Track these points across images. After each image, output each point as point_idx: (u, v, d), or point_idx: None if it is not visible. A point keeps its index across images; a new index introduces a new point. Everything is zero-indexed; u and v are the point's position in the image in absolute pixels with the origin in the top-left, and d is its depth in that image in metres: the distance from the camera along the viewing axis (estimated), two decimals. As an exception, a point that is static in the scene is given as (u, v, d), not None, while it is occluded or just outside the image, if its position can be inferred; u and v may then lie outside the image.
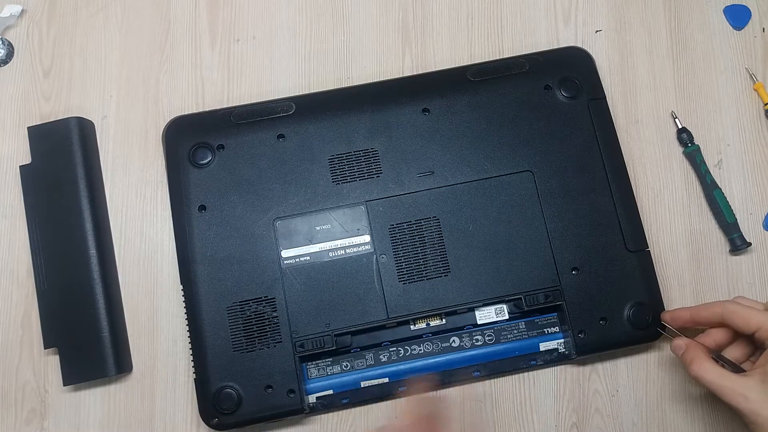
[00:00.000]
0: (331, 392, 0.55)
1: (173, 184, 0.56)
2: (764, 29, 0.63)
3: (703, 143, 0.61)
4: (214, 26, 0.63)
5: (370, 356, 0.55)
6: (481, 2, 0.64)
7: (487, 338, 0.56)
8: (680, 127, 0.61)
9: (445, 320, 0.56)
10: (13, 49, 0.62)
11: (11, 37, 0.63)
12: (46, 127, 0.58)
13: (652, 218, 0.60)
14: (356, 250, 0.55)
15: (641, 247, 0.56)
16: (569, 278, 0.55)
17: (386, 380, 0.55)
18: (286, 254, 0.55)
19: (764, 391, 0.45)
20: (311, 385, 0.55)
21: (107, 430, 0.56)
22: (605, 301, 0.54)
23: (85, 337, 0.55)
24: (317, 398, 0.55)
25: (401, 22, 0.63)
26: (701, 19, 0.63)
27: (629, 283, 0.55)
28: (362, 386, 0.55)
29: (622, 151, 0.58)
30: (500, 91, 0.58)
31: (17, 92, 0.62)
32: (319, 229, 0.55)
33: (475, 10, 0.64)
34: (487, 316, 0.56)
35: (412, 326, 0.55)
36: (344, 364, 0.55)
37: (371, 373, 0.55)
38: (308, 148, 0.57)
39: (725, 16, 0.63)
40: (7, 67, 0.62)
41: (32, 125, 0.58)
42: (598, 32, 0.63)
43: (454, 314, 0.55)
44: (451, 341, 0.56)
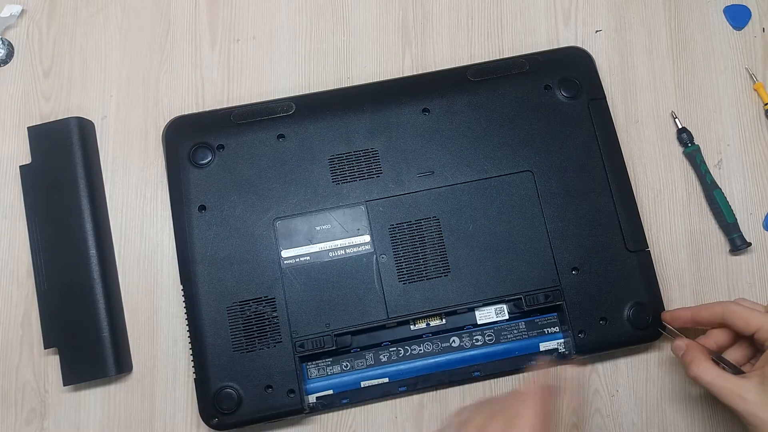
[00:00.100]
0: (331, 392, 0.55)
1: (173, 184, 0.56)
2: (764, 29, 0.63)
3: (703, 143, 0.61)
4: (214, 26, 0.63)
5: (370, 356, 0.55)
6: (481, 2, 0.64)
7: (487, 338, 0.56)
8: (680, 127, 0.61)
9: (445, 320, 0.56)
10: (13, 49, 0.62)
11: (11, 37, 0.63)
12: (46, 127, 0.58)
13: (652, 218, 0.60)
14: (356, 250, 0.55)
15: (641, 247, 0.56)
16: (569, 278, 0.55)
17: (386, 380, 0.55)
18: (286, 254, 0.55)
19: (762, 392, 0.45)
20: (311, 385, 0.55)
21: (107, 430, 0.56)
22: (605, 301, 0.54)
23: (85, 337, 0.55)
24: (317, 398, 0.55)
25: (401, 22, 0.63)
26: (701, 19, 0.63)
27: (629, 283, 0.55)
28: (362, 386, 0.55)
29: (622, 151, 0.58)
30: (500, 91, 0.58)
31: (17, 92, 0.62)
32: (319, 229, 0.55)
33: (475, 10, 0.64)
34: (487, 316, 0.56)
35: (412, 326, 0.55)
36: (344, 364, 0.55)
37: (371, 373, 0.55)
38: (308, 148, 0.57)
39: (725, 16, 0.63)
40: (7, 67, 0.62)
41: (32, 125, 0.58)
42: (598, 32, 0.63)
43: (454, 314, 0.55)
44: (451, 341, 0.56)
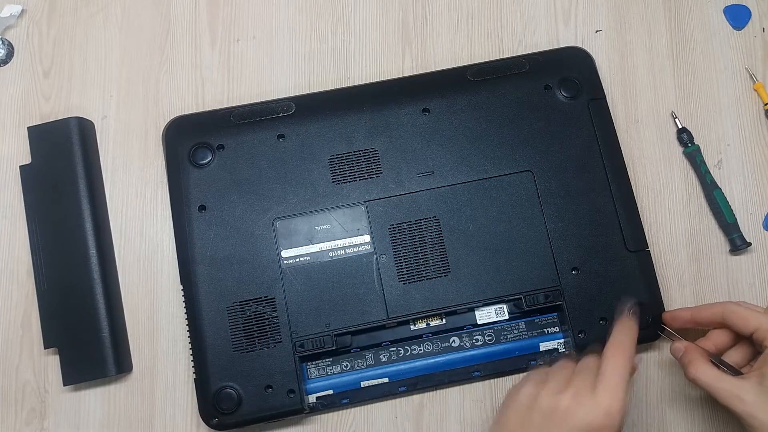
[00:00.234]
0: (331, 392, 0.55)
1: (173, 184, 0.56)
2: (764, 29, 0.63)
3: (703, 143, 0.61)
4: (214, 26, 0.63)
5: (370, 356, 0.55)
6: (481, 2, 0.64)
7: (487, 338, 0.56)
8: (680, 127, 0.61)
9: (445, 320, 0.56)
10: (13, 49, 0.62)
11: (11, 37, 0.63)
12: (46, 127, 0.58)
13: (652, 218, 0.60)
14: (356, 250, 0.55)
15: (641, 247, 0.56)
16: (569, 278, 0.55)
17: (386, 380, 0.55)
18: (286, 254, 0.55)
19: (760, 393, 0.45)
20: (311, 385, 0.55)
21: (107, 430, 0.56)
22: (605, 301, 0.54)
23: (85, 337, 0.55)
24: (317, 398, 0.55)
25: (401, 22, 0.63)
26: (701, 19, 0.63)
27: (629, 283, 0.55)
28: (362, 386, 0.55)
29: (622, 151, 0.58)
30: (500, 91, 0.58)
31: (17, 92, 0.62)
32: (319, 229, 0.55)
33: (475, 10, 0.64)
34: (487, 316, 0.56)
35: (412, 326, 0.55)
36: (344, 364, 0.55)
37: (371, 373, 0.55)
38: (308, 148, 0.57)
39: (725, 16, 0.63)
40: (7, 67, 0.62)
41: (32, 125, 0.58)
42: (598, 32, 0.63)
43: (454, 314, 0.55)
44: (451, 341, 0.56)
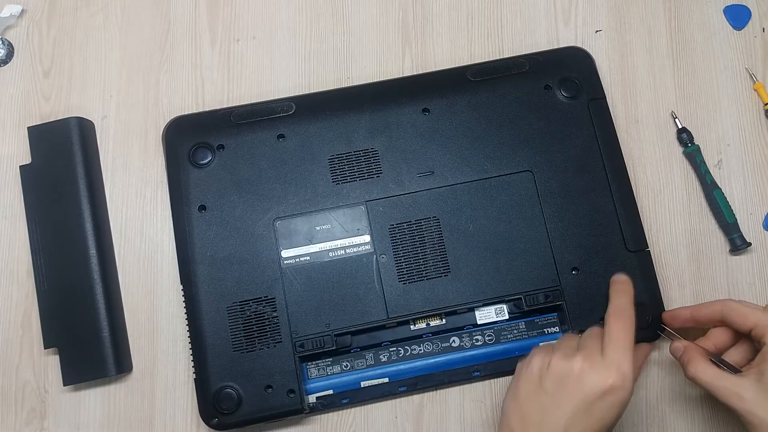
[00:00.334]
0: (331, 392, 0.55)
1: (173, 184, 0.56)
2: (764, 29, 0.63)
3: (703, 143, 0.61)
4: (214, 26, 0.63)
5: (370, 356, 0.55)
6: (481, 2, 0.64)
7: (487, 338, 0.56)
8: (680, 127, 0.61)
9: (445, 320, 0.56)
10: (13, 49, 0.62)
11: (11, 37, 0.63)
12: (46, 127, 0.58)
13: (652, 218, 0.60)
14: (356, 250, 0.55)
15: (641, 247, 0.56)
16: (569, 278, 0.55)
17: (386, 380, 0.55)
18: (286, 254, 0.55)
19: (760, 390, 0.45)
20: (311, 385, 0.55)
21: (107, 430, 0.56)
22: (605, 301, 0.54)
23: (85, 337, 0.55)
24: (317, 398, 0.55)
25: (401, 22, 0.63)
26: (701, 19, 0.63)
27: (629, 283, 0.55)
28: (362, 386, 0.55)
29: (622, 151, 0.58)
30: (500, 91, 0.58)
31: (17, 92, 0.62)
32: (319, 229, 0.55)
33: (475, 10, 0.64)
34: (487, 316, 0.56)
35: (412, 326, 0.55)
36: (344, 364, 0.55)
37: (371, 373, 0.55)
38: (308, 148, 0.57)
39: (725, 16, 0.63)
40: (7, 67, 0.62)
41: (32, 125, 0.58)
42: (598, 32, 0.63)
43: (454, 314, 0.55)
44: (451, 341, 0.56)
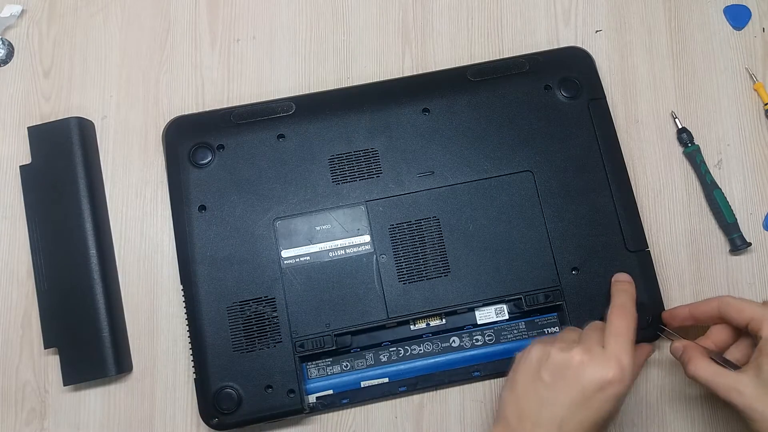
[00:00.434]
0: (331, 392, 0.55)
1: (173, 184, 0.56)
2: (764, 29, 0.63)
3: (703, 143, 0.61)
4: (214, 26, 0.63)
5: (370, 356, 0.55)
6: (481, 2, 0.64)
7: (487, 338, 0.56)
8: (680, 127, 0.61)
9: (445, 320, 0.56)
10: (13, 49, 0.62)
11: (11, 37, 0.63)
12: (46, 127, 0.58)
13: (652, 218, 0.60)
14: (356, 250, 0.55)
15: (641, 247, 0.56)
16: (569, 278, 0.55)
17: (386, 380, 0.55)
18: (286, 254, 0.55)
19: (759, 385, 0.45)
20: (311, 385, 0.55)
21: (107, 430, 0.56)
22: (605, 300, 0.54)
23: (85, 337, 0.55)
24: (317, 398, 0.55)
25: (401, 22, 0.63)
26: (701, 19, 0.63)
27: (629, 283, 0.55)
28: (362, 386, 0.55)
29: (622, 151, 0.58)
30: (500, 91, 0.58)
31: (17, 92, 0.62)
32: (319, 229, 0.55)
33: (475, 10, 0.64)
34: (487, 316, 0.56)
35: (412, 326, 0.55)
36: (344, 364, 0.55)
37: (371, 373, 0.55)
38: (308, 148, 0.57)
39: (725, 16, 0.63)
40: (7, 67, 0.62)
41: (32, 125, 0.58)
42: (598, 32, 0.63)
43: (454, 314, 0.55)
44: (451, 341, 0.56)
